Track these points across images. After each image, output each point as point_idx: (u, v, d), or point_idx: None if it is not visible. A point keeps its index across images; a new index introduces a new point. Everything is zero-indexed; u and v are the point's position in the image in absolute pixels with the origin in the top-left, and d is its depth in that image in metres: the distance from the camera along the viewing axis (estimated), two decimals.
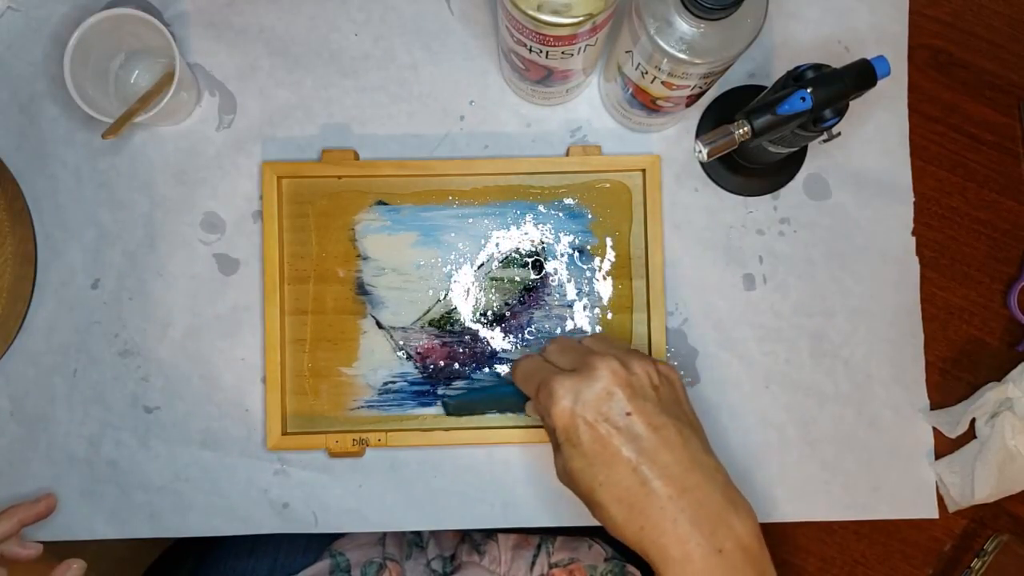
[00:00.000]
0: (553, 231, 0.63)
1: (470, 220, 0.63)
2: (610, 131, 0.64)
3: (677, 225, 0.64)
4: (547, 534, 0.72)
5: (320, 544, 0.71)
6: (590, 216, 0.63)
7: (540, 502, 0.63)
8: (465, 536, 0.72)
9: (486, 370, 0.63)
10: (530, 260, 0.63)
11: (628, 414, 0.47)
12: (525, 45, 0.51)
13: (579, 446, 0.47)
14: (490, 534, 0.71)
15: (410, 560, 0.70)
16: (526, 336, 0.63)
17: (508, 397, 0.62)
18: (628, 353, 0.50)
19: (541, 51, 0.51)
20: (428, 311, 0.63)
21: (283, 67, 0.64)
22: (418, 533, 0.72)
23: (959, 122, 0.66)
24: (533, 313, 0.63)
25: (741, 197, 0.64)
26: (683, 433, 0.48)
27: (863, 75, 0.50)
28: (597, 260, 0.63)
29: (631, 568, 0.70)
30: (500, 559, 0.69)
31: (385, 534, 0.71)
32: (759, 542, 0.47)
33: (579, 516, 0.62)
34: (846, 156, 0.65)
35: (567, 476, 0.49)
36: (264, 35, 0.64)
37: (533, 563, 0.69)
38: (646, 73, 0.52)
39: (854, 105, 0.52)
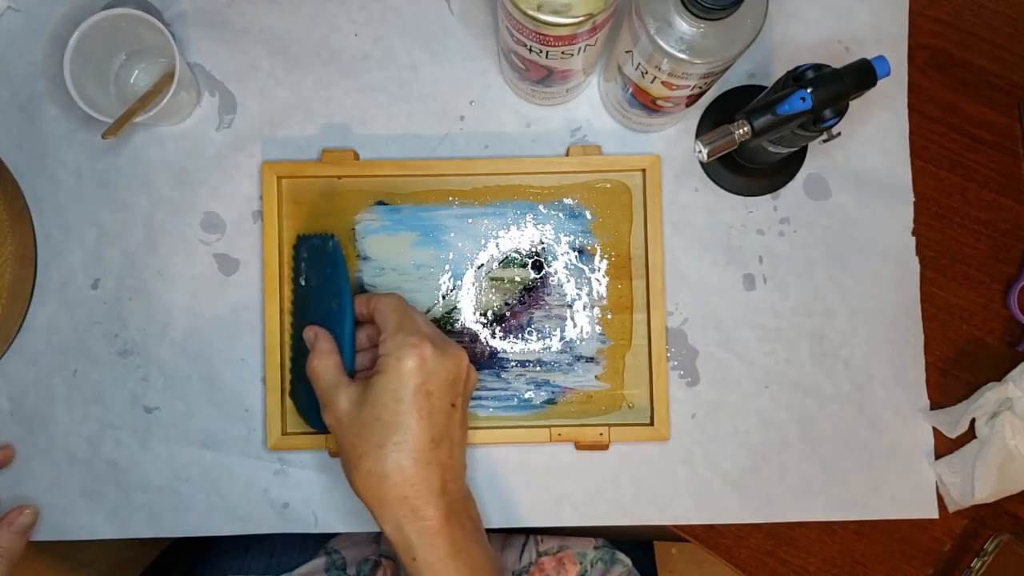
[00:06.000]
0: (553, 231, 0.63)
1: (470, 220, 0.63)
2: (610, 131, 0.64)
3: (677, 225, 0.64)
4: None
5: (316, 542, 0.71)
6: (590, 216, 0.63)
7: (539, 502, 0.63)
8: None
9: (486, 370, 0.63)
10: (530, 260, 0.63)
11: (453, 406, 0.52)
12: (525, 45, 0.51)
13: (400, 403, 0.49)
14: None
15: None
16: (526, 336, 0.63)
17: (508, 396, 0.62)
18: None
19: (541, 51, 0.51)
20: (428, 311, 0.63)
21: (283, 67, 0.64)
22: None
23: (959, 122, 0.66)
24: (533, 313, 0.63)
25: (741, 197, 0.64)
26: (463, 441, 0.54)
27: (863, 75, 0.50)
28: (597, 260, 0.63)
29: (620, 555, 0.70)
30: None
31: (380, 532, 0.71)
32: (482, 522, 0.54)
33: (580, 517, 0.62)
34: (846, 156, 0.65)
35: (359, 414, 0.50)
36: (264, 35, 0.64)
37: (522, 551, 0.70)
38: (646, 73, 0.52)
39: (854, 105, 0.52)
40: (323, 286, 0.58)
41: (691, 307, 0.64)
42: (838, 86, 0.50)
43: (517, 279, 0.63)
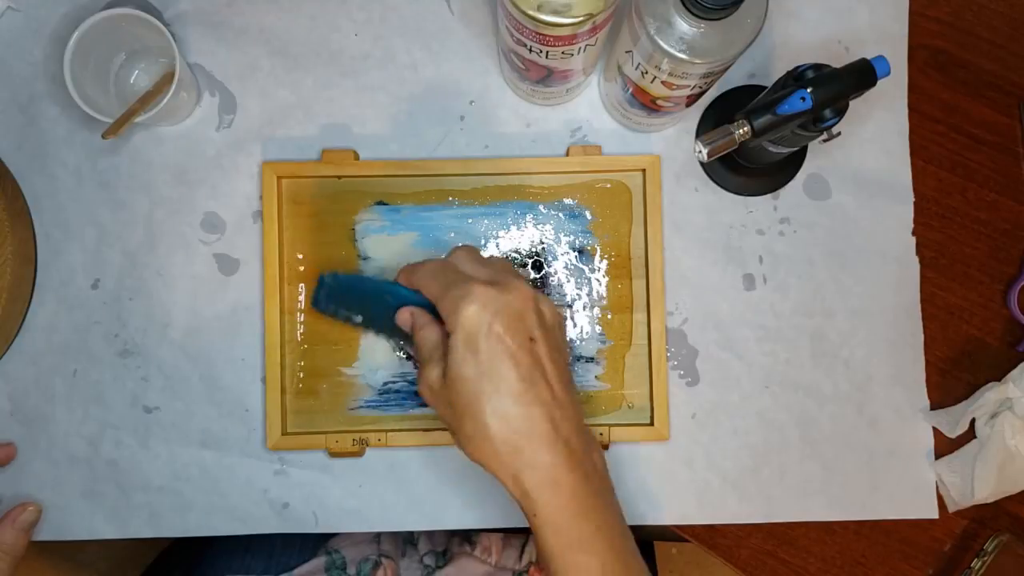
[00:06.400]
0: (553, 231, 0.63)
1: (470, 220, 0.63)
2: (610, 131, 0.64)
3: (677, 225, 0.64)
4: None
5: (316, 541, 0.71)
6: (590, 216, 0.63)
7: None
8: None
9: None
10: (530, 260, 0.63)
11: (532, 339, 0.47)
12: (525, 45, 0.51)
13: (478, 353, 0.46)
14: None
15: (405, 558, 0.71)
16: None
17: None
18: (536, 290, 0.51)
19: (541, 51, 0.51)
20: None
21: (283, 67, 0.64)
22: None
23: (959, 122, 0.66)
24: None
25: (741, 197, 0.64)
26: (567, 370, 0.49)
27: (863, 75, 0.50)
28: (597, 260, 0.63)
29: None
30: (491, 548, 0.70)
31: (380, 532, 0.71)
32: (609, 476, 0.50)
33: None
34: (846, 156, 0.65)
35: (446, 384, 0.47)
36: (264, 35, 0.64)
37: (523, 551, 0.70)
38: (646, 73, 0.52)
39: (854, 105, 0.52)
40: (365, 301, 0.56)
41: (691, 307, 0.64)
42: (838, 86, 0.50)
43: None
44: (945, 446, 0.64)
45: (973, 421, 0.62)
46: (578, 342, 0.63)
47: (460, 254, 0.51)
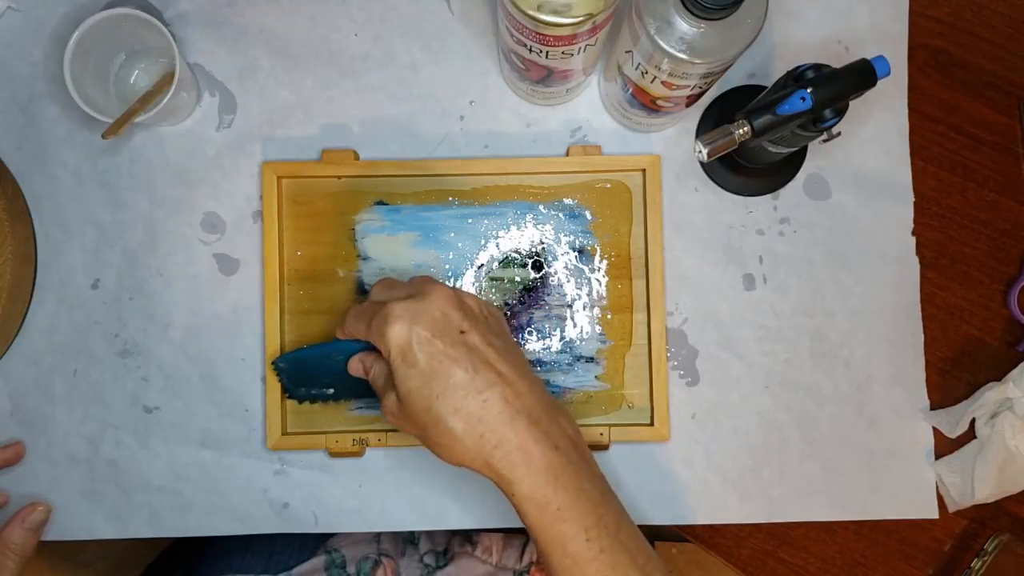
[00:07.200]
0: (553, 231, 0.63)
1: (470, 220, 0.63)
2: (610, 131, 0.64)
3: (677, 225, 0.64)
4: None
5: (316, 541, 0.71)
6: (590, 216, 0.63)
7: None
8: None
9: None
10: (530, 260, 0.63)
11: (462, 332, 0.48)
12: (525, 45, 0.51)
13: (415, 365, 0.47)
14: None
15: (404, 557, 0.71)
16: (526, 336, 0.63)
17: None
18: (455, 288, 0.52)
19: (541, 51, 0.51)
20: None
21: (283, 67, 0.64)
22: None
23: (959, 122, 0.66)
24: (533, 313, 0.63)
25: (741, 197, 0.64)
26: (513, 350, 0.50)
27: (863, 75, 0.50)
28: (597, 260, 0.63)
29: None
30: (492, 548, 0.70)
31: (380, 532, 0.71)
32: (583, 441, 0.50)
33: None
34: (846, 156, 0.65)
35: (401, 405, 0.48)
36: (264, 35, 0.64)
37: (523, 551, 0.70)
38: (646, 73, 0.52)
39: (854, 105, 0.52)
40: (321, 369, 0.57)
41: (691, 307, 0.64)
42: (838, 86, 0.50)
43: (517, 279, 0.63)
44: (945, 446, 0.64)
45: (973, 421, 0.62)
46: (578, 342, 0.63)
47: (375, 289, 0.53)
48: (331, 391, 0.60)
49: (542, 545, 0.47)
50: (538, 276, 0.63)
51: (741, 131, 0.49)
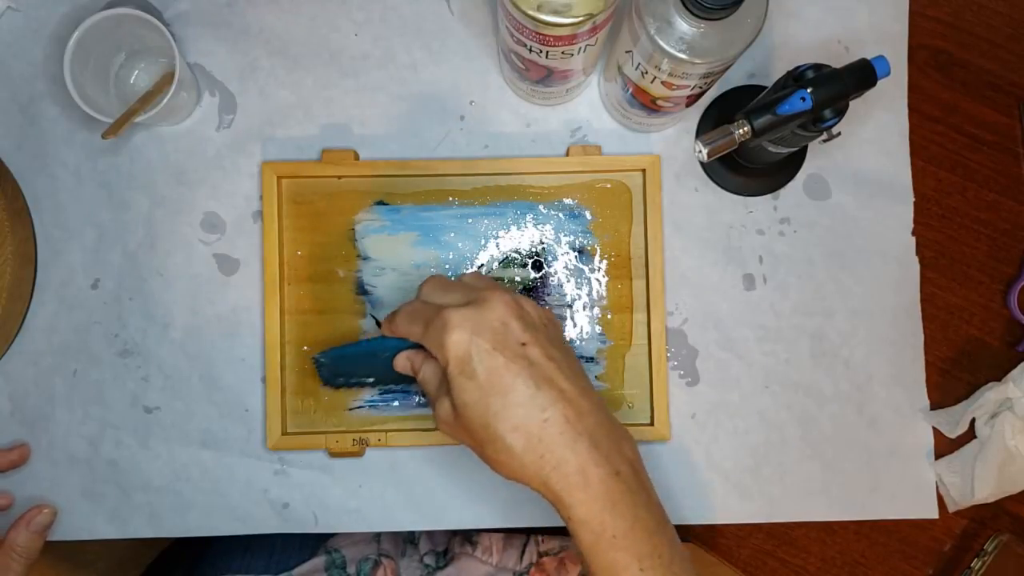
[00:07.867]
0: (553, 231, 0.63)
1: (470, 220, 0.63)
2: (610, 131, 0.64)
3: (677, 225, 0.64)
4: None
5: (316, 541, 0.71)
6: (590, 216, 0.63)
7: (540, 502, 0.63)
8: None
9: None
10: (530, 260, 0.63)
11: (523, 344, 0.47)
12: (525, 45, 0.51)
13: (474, 377, 0.46)
14: None
15: (404, 557, 0.71)
16: None
17: None
18: (513, 292, 0.50)
19: (541, 51, 0.51)
20: None
21: (283, 67, 0.64)
22: None
23: (959, 122, 0.66)
24: None
25: (741, 197, 0.64)
26: (574, 364, 0.49)
27: (863, 75, 0.50)
28: (597, 260, 0.63)
29: None
30: (492, 549, 0.70)
31: (380, 532, 0.71)
32: (643, 466, 0.49)
33: None
34: (846, 156, 0.65)
35: (457, 415, 0.47)
36: (264, 35, 0.64)
37: (523, 552, 0.70)
38: (646, 73, 0.52)
39: (854, 105, 0.52)
40: (364, 364, 0.58)
41: (691, 307, 0.64)
42: (838, 86, 0.50)
43: (517, 279, 0.63)
44: (945, 446, 0.64)
45: (973, 421, 0.62)
46: (578, 342, 0.63)
47: (427, 288, 0.51)
48: (371, 380, 0.60)
49: (594, 570, 0.46)
50: (538, 276, 0.63)
51: (741, 131, 0.49)
